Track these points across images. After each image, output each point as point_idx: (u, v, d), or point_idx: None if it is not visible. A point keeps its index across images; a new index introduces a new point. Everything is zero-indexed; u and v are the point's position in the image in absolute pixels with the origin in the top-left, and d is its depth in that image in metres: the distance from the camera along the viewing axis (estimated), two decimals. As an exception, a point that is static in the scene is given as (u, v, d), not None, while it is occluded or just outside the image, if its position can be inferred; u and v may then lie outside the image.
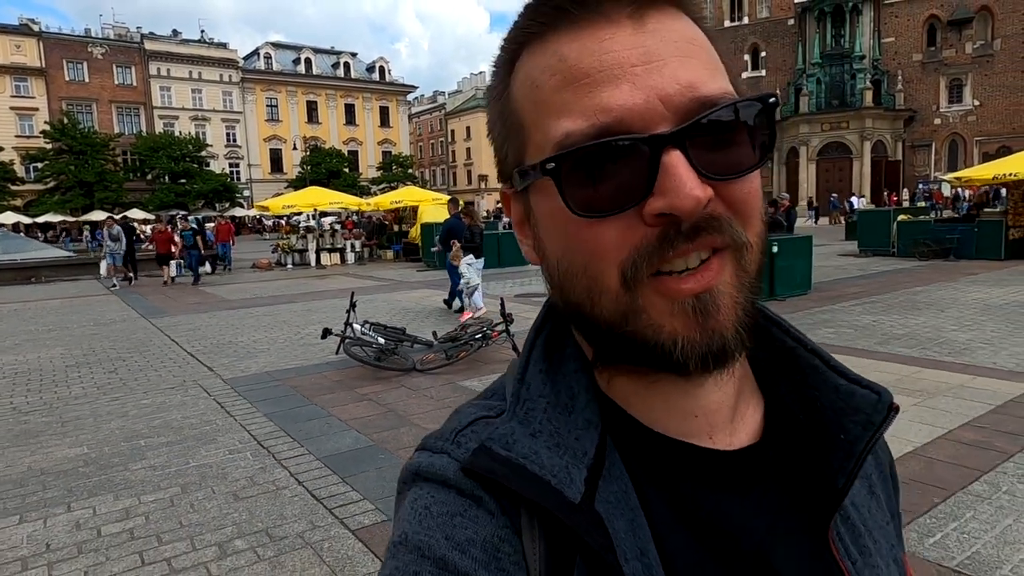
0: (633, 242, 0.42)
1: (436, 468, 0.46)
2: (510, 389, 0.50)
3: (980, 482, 3.86)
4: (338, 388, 6.53)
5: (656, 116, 0.41)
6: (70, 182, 45.96)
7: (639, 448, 0.48)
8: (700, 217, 0.41)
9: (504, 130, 0.48)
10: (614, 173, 0.41)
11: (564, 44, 0.43)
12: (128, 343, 9.35)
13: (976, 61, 41.46)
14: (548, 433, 0.46)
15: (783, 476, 0.50)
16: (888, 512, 0.57)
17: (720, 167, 0.42)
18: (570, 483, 0.43)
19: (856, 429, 0.49)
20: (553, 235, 0.46)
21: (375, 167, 61.67)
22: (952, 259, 15.93)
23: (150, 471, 4.53)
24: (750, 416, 0.52)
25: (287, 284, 16.65)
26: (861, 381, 0.52)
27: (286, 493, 4.11)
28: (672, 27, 0.43)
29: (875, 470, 0.58)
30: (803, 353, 0.53)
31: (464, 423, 0.50)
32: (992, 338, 7.60)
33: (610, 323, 0.44)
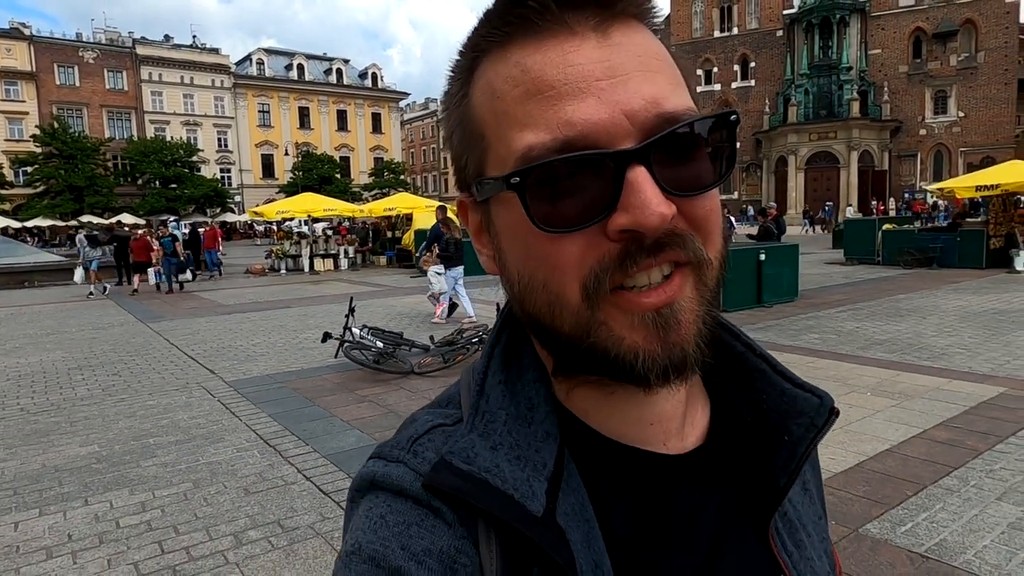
0: (595, 257, 0.42)
1: (392, 477, 0.46)
2: (468, 400, 0.50)
3: (951, 477, 4.11)
4: (339, 390, 6.72)
5: (621, 131, 0.40)
6: (59, 186, 45.78)
7: (596, 456, 0.48)
8: (663, 233, 0.41)
9: (464, 138, 0.48)
10: (578, 188, 0.41)
11: (527, 54, 0.42)
12: (128, 347, 9.49)
13: (960, 73, 42.23)
14: (508, 446, 0.46)
15: (729, 474, 0.52)
16: (820, 507, 0.60)
17: (683, 183, 0.42)
18: (532, 497, 0.43)
19: (799, 431, 0.51)
20: (514, 248, 0.46)
21: (367, 173, 61.78)
22: (935, 267, 16.30)
23: (162, 468, 4.71)
24: (698, 419, 0.53)
25: (282, 289, 16.79)
26: (804, 385, 0.54)
27: (295, 488, 4.30)
28: (636, 41, 0.43)
29: (809, 468, 0.60)
30: (751, 358, 0.55)
31: (420, 431, 0.49)
32: (970, 344, 7.90)
33: (571, 336, 0.44)
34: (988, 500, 3.78)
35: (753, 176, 48.49)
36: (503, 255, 0.47)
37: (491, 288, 0.48)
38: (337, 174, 55.34)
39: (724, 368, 0.56)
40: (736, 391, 0.55)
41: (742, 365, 0.55)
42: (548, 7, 0.42)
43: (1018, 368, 6.66)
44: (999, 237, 16.04)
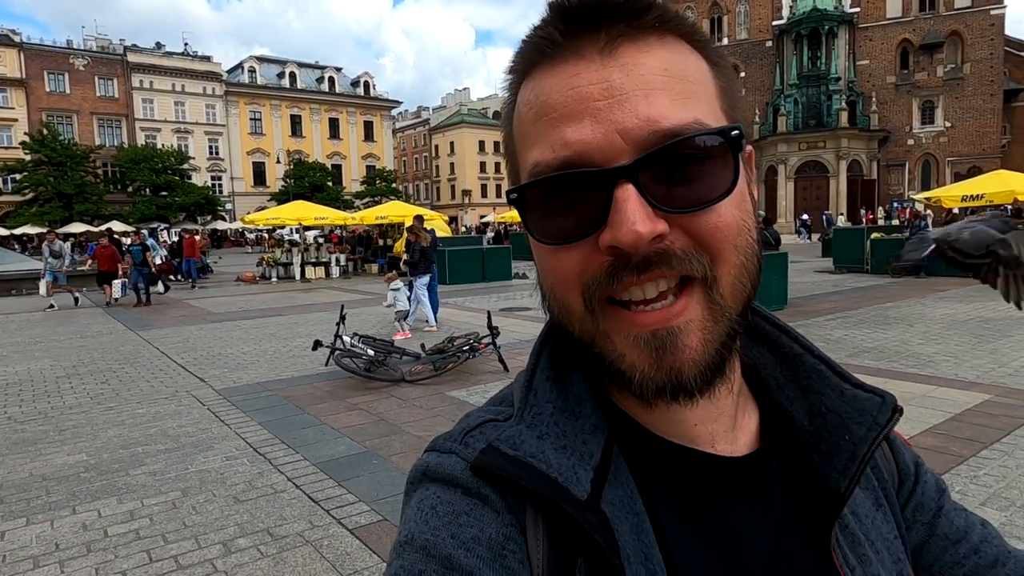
0: (591, 270, 0.44)
1: (444, 467, 0.48)
2: (518, 395, 0.51)
3: (936, 483, 4.16)
4: (329, 398, 6.71)
5: (616, 150, 0.42)
6: (49, 194, 45.51)
7: (645, 453, 0.49)
8: (650, 251, 0.41)
9: (505, 154, 0.52)
10: (573, 204, 0.43)
11: (542, 79, 0.45)
12: (117, 355, 9.44)
13: (947, 84, 42.78)
14: (555, 436, 0.47)
15: (785, 482, 0.52)
16: (895, 526, 0.57)
17: (677, 200, 0.42)
18: (576, 482, 0.44)
19: (861, 431, 0.51)
20: (535, 256, 0.49)
21: (359, 181, 61.81)
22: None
23: (150, 476, 4.69)
24: (747, 425, 0.53)
25: (273, 297, 16.74)
26: (865, 386, 0.53)
27: (284, 496, 4.29)
28: (643, 59, 0.43)
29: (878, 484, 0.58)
30: (809, 359, 0.55)
31: (473, 425, 0.51)
32: (956, 351, 7.98)
33: (581, 340, 0.47)
34: (973, 506, 3.82)
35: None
36: (536, 262, 0.50)
37: (482, 297, 0.50)
38: (329, 182, 55.32)
39: (781, 371, 0.56)
40: (794, 394, 0.55)
41: (800, 367, 0.55)
42: (554, 38, 0.44)
43: (1003, 375, 6.74)
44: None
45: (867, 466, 0.50)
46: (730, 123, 0.46)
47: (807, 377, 0.54)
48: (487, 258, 19.58)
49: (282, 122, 61.51)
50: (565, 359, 0.52)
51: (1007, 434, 4.99)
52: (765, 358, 0.56)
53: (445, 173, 79.33)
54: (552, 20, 0.45)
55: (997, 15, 41.49)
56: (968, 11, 41.90)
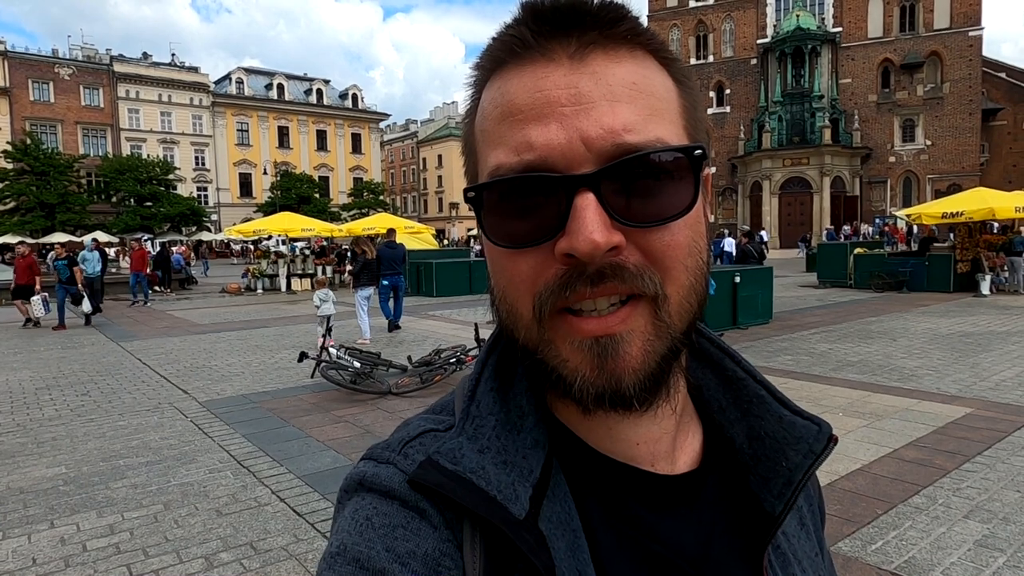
0: (545, 277, 0.43)
1: (381, 478, 0.46)
2: (460, 405, 0.51)
3: (919, 495, 4.19)
4: (315, 410, 6.65)
5: (578, 157, 0.41)
6: (31, 203, 44.95)
7: (585, 469, 0.49)
8: (605, 263, 0.41)
9: (465, 153, 0.51)
10: (532, 208, 0.42)
11: (509, 79, 0.45)
12: (98, 366, 9.31)
13: (927, 103, 43.59)
14: (496, 450, 0.46)
15: (721, 501, 0.52)
16: (817, 543, 0.59)
17: (635, 214, 0.42)
18: (515, 500, 0.44)
19: (797, 458, 0.51)
20: (487, 259, 0.48)
21: (346, 193, 61.64)
22: (905, 291, 16.67)
23: (131, 489, 4.61)
24: (689, 444, 0.53)
25: (258, 309, 16.62)
26: (803, 413, 0.53)
27: (268, 509, 4.24)
28: (612, 70, 0.43)
29: (805, 502, 0.60)
30: (751, 384, 0.55)
31: (412, 434, 0.50)
32: (938, 365, 8.07)
33: (526, 347, 0.46)
34: (955, 518, 3.85)
35: (729, 200, 49.28)
36: (488, 264, 0.49)
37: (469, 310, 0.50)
38: (316, 194, 55.11)
39: (723, 393, 0.56)
40: (734, 417, 0.55)
41: (742, 391, 0.55)
42: (526, 38, 0.44)
43: (984, 389, 6.82)
44: (965, 262, 16.48)
45: (801, 492, 0.51)
46: (691, 142, 0.46)
47: (748, 401, 0.55)
48: (474, 271, 19.59)
49: (269, 133, 61.33)
50: (510, 370, 0.51)
51: (988, 447, 5.05)
52: (709, 380, 0.57)
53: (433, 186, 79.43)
54: (524, 20, 0.45)
55: (975, 36, 42.42)
56: (947, 32, 42.81)
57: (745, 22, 47.94)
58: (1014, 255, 16.18)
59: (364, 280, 10.90)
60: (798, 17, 44.03)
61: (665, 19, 50.30)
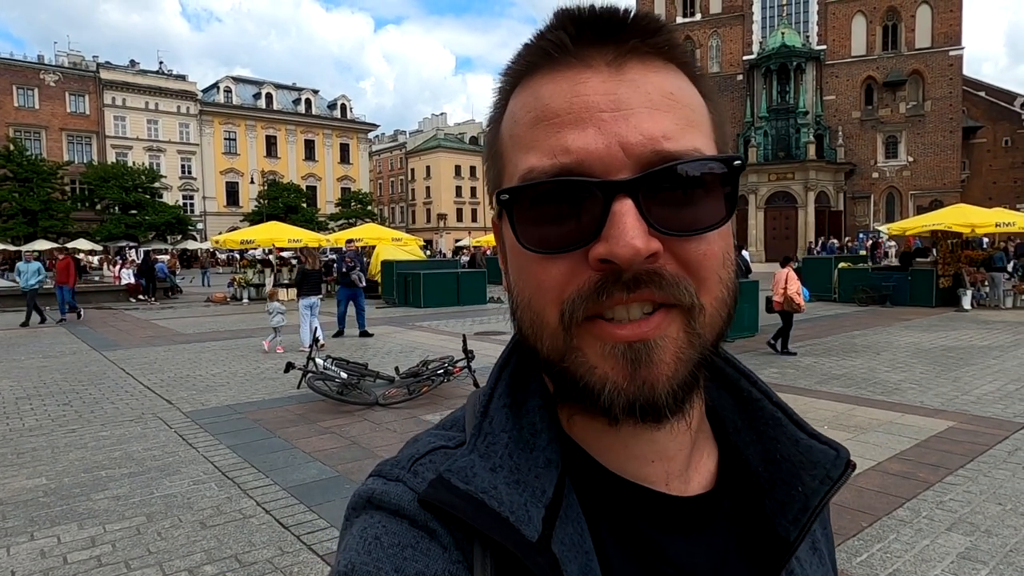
0: (576, 284, 0.42)
1: (391, 496, 0.45)
2: (472, 422, 0.49)
3: (904, 508, 4.23)
4: (301, 421, 6.60)
5: (616, 163, 0.41)
6: (13, 210, 44.44)
7: (597, 488, 0.48)
8: (642, 270, 0.41)
9: (490, 157, 0.50)
10: (567, 213, 0.42)
11: (543, 84, 0.45)
12: (81, 376, 9.19)
13: (909, 120, 44.34)
14: (508, 469, 0.45)
15: (735, 524, 0.51)
16: (831, 567, 0.58)
17: (673, 223, 0.42)
18: (528, 521, 0.43)
19: (813, 483, 0.50)
20: (512, 266, 0.47)
21: (334, 203, 61.49)
22: (888, 305, 16.86)
23: (113, 501, 4.55)
24: (704, 465, 0.52)
25: (243, 319, 16.49)
26: (820, 437, 0.52)
27: (253, 521, 4.19)
28: (650, 78, 0.44)
29: (819, 526, 0.58)
30: (767, 405, 0.54)
31: (422, 451, 0.49)
32: (921, 379, 8.17)
33: (548, 357, 0.45)
34: (939, 531, 3.89)
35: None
36: (508, 271, 0.49)
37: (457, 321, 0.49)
38: (303, 203, 54.94)
39: (739, 414, 0.55)
40: (749, 438, 0.54)
41: (758, 412, 0.54)
42: (564, 43, 0.44)
43: (966, 403, 6.91)
44: (947, 277, 16.71)
45: (817, 518, 0.50)
46: None
47: (764, 423, 0.53)
48: (462, 282, 19.59)
49: (257, 142, 61.11)
50: (523, 386, 0.50)
51: (971, 460, 5.11)
52: (724, 400, 0.56)
53: (421, 197, 79.39)
54: (562, 25, 0.45)
55: (955, 56, 43.27)
56: (928, 51, 43.64)
57: (731, 38, 48.60)
58: (995, 271, 16.44)
59: (306, 290, 11.23)
60: (783, 35, 44.72)
61: (653, 34, 50.84)
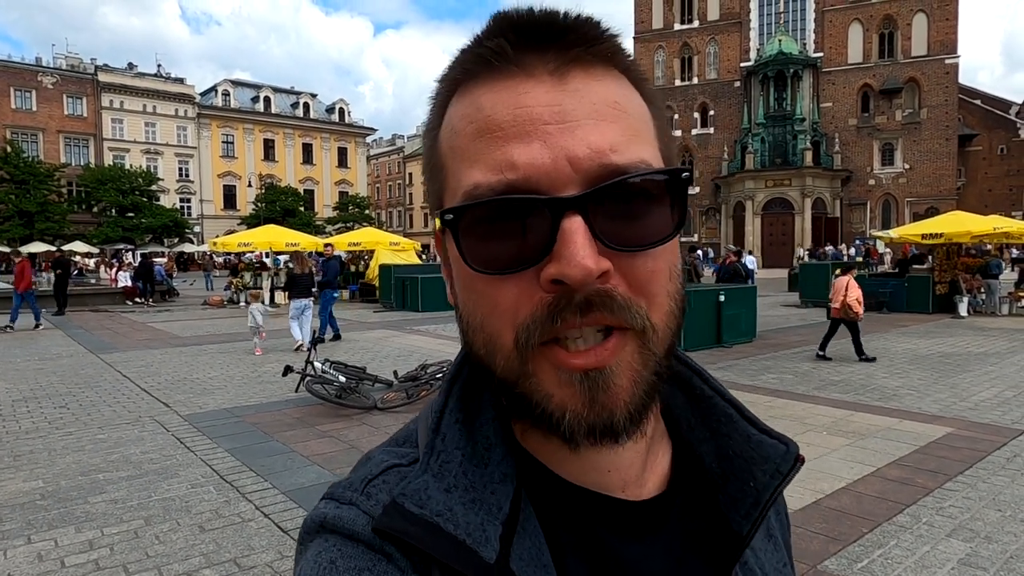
0: (529, 307, 0.41)
1: (344, 520, 0.44)
2: (424, 439, 0.48)
3: (903, 514, 4.23)
4: (299, 425, 6.58)
5: (563, 178, 0.40)
6: (9, 212, 44.33)
7: (553, 498, 0.47)
8: (593, 291, 0.40)
9: (430, 169, 0.48)
10: (515, 232, 0.40)
11: (484, 94, 0.43)
12: (77, 378, 9.15)
13: (905, 128, 44.56)
14: (463, 488, 0.44)
15: (689, 523, 0.51)
16: (786, 553, 0.59)
17: (623, 239, 0.41)
18: (485, 542, 0.42)
19: (764, 478, 0.50)
20: (460, 284, 0.45)
21: (331, 207, 61.47)
22: (885, 311, 16.89)
23: (111, 504, 4.52)
24: (659, 465, 0.52)
25: (240, 322, 16.34)
26: (771, 432, 0.53)
27: (252, 525, 4.18)
28: (594, 88, 0.42)
29: (772, 513, 0.59)
30: (720, 403, 0.54)
31: (375, 472, 0.48)
32: (919, 385, 8.18)
33: (503, 379, 0.44)
34: (939, 537, 3.89)
35: (712, 220, 49.83)
36: (455, 288, 0.47)
37: (454, 324, 0.48)
38: (301, 207, 54.91)
39: (692, 412, 0.55)
40: (703, 435, 0.54)
41: (710, 409, 0.54)
42: (505, 50, 0.42)
43: (964, 409, 6.92)
44: (944, 283, 16.76)
45: (768, 512, 0.50)
46: (667, 165, 0.45)
47: (717, 420, 0.54)
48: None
49: (255, 146, 61.08)
50: (475, 398, 0.49)
51: (970, 466, 5.11)
52: (677, 397, 0.56)
53: (419, 201, 79.42)
54: (502, 31, 0.43)
55: (951, 64, 43.53)
56: (924, 59, 43.89)
57: (729, 45, 48.81)
58: (990, 278, 16.50)
59: (295, 293, 11.75)
60: (780, 42, 44.94)
61: (651, 41, 51.07)
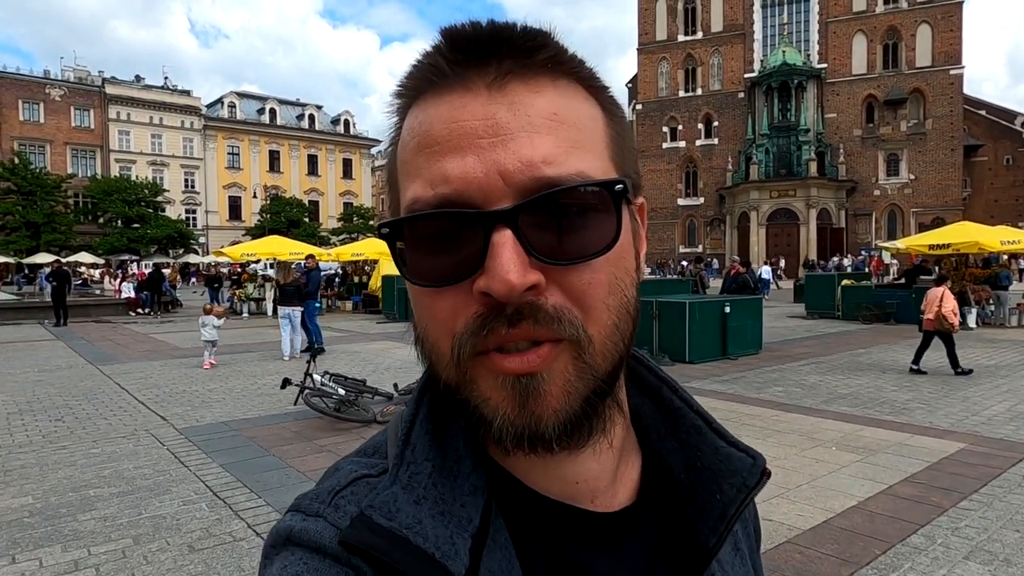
0: (464, 317, 0.41)
1: (310, 533, 0.43)
2: (393, 450, 0.48)
3: (918, 535, 4.08)
4: (297, 439, 6.46)
5: (496, 191, 0.40)
6: (16, 223, 44.55)
7: (523, 510, 0.47)
8: (523, 304, 0.40)
9: (387, 184, 0.49)
10: (449, 245, 0.41)
11: (427, 108, 0.43)
12: (75, 391, 9.06)
13: (910, 138, 44.45)
14: (433, 500, 0.44)
15: (658, 534, 0.51)
16: (751, 566, 0.58)
17: (556, 252, 0.41)
18: (455, 555, 0.42)
19: (731, 491, 0.51)
20: (410, 296, 0.46)
21: (336, 218, 61.61)
22: (892, 323, 16.71)
23: (100, 522, 4.41)
24: (628, 475, 0.52)
25: (242, 333, 16.36)
26: (739, 445, 0.53)
27: (244, 545, 4.05)
28: (532, 100, 0.42)
29: (740, 526, 0.59)
30: (688, 414, 0.54)
31: (343, 483, 0.47)
32: (929, 399, 8.02)
33: (448, 386, 0.45)
34: (956, 559, 3.74)
35: (716, 231, 49.72)
36: (410, 302, 0.47)
37: None
38: (305, 218, 55.04)
39: (662, 422, 0.55)
40: (672, 446, 0.54)
41: (679, 420, 0.55)
42: (442, 67, 0.42)
43: (976, 424, 6.76)
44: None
45: (734, 525, 0.51)
46: (619, 174, 0.44)
47: (686, 431, 0.54)
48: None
49: (260, 157, 61.34)
50: (445, 410, 0.48)
51: (985, 484, 4.96)
52: (647, 407, 0.56)
53: (423, 212, 79.62)
54: (441, 48, 0.43)
55: (956, 75, 43.48)
56: (929, 70, 43.86)
57: (732, 56, 48.89)
58: (1000, 289, 16.30)
59: (282, 302, 12.06)
60: (784, 53, 44.99)
61: (654, 52, 51.23)
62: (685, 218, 51.04)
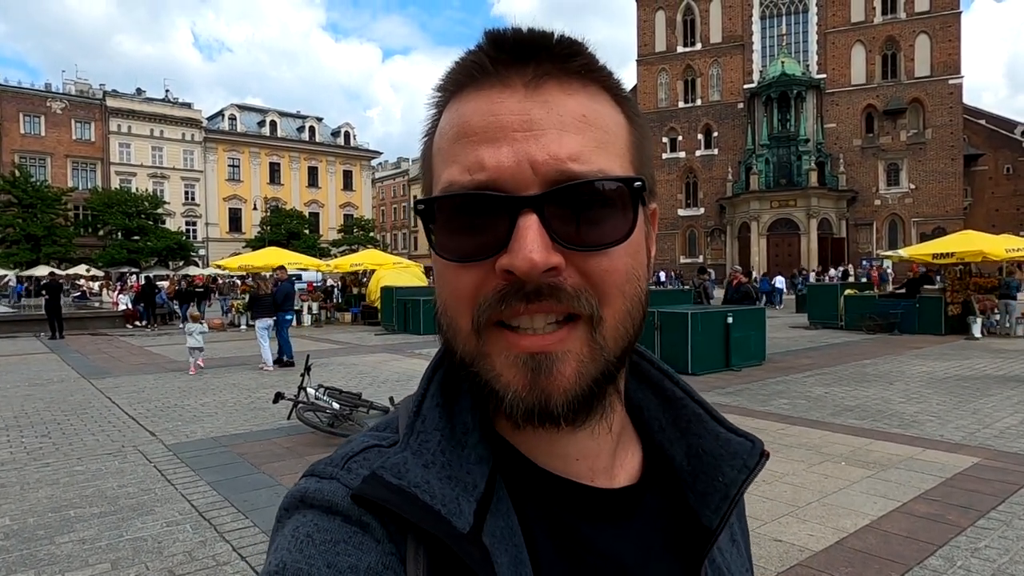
0: (484, 291, 0.44)
1: (323, 494, 0.46)
2: (404, 421, 0.51)
3: (936, 556, 3.88)
4: (288, 455, 6.27)
5: (526, 180, 0.43)
6: (16, 235, 44.47)
7: (526, 482, 0.50)
8: (543, 282, 0.43)
9: (422, 169, 0.53)
10: (479, 226, 0.44)
11: (467, 102, 0.47)
12: (65, 405, 8.86)
13: (910, 148, 44.41)
14: (441, 465, 0.46)
15: (660, 517, 0.54)
16: (747, 559, 0.61)
17: (576, 238, 0.44)
18: (459, 514, 0.44)
19: (732, 472, 0.53)
20: (436, 272, 0.49)
21: (336, 229, 61.51)
22: (896, 333, 16.51)
23: (78, 545, 4.21)
24: (628, 463, 0.55)
25: (239, 345, 16.16)
26: (737, 431, 0.56)
27: (227, 569, 3.85)
28: (564, 101, 0.45)
29: (736, 520, 0.62)
30: (689, 403, 0.57)
31: (356, 450, 0.49)
32: (938, 411, 7.81)
33: (463, 361, 0.47)
34: (977, 584, 3.54)
35: (717, 241, 49.60)
36: (435, 278, 0.50)
37: (436, 347, 0.52)
38: (306, 230, 54.94)
39: (663, 413, 0.57)
40: (674, 436, 0.56)
41: (680, 410, 0.57)
42: (485, 64, 0.46)
43: (989, 437, 6.55)
44: (956, 304, 16.38)
45: (736, 505, 0.53)
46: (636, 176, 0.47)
47: (687, 420, 0.56)
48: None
49: (261, 169, 61.35)
50: (455, 387, 0.52)
51: (1002, 501, 4.75)
52: (649, 400, 0.58)
53: (423, 223, 79.53)
54: (485, 47, 0.47)
55: (955, 84, 43.51)
56: (928, 80, 43.90)
57: (732, 67, 48.99)
58: (1007, 298, 16.10)
59: (258, 312, 12.09)
60: (783, 63, 45.06)
61: (654, 63, 51.34)
62: (685, 228, 50.93)
